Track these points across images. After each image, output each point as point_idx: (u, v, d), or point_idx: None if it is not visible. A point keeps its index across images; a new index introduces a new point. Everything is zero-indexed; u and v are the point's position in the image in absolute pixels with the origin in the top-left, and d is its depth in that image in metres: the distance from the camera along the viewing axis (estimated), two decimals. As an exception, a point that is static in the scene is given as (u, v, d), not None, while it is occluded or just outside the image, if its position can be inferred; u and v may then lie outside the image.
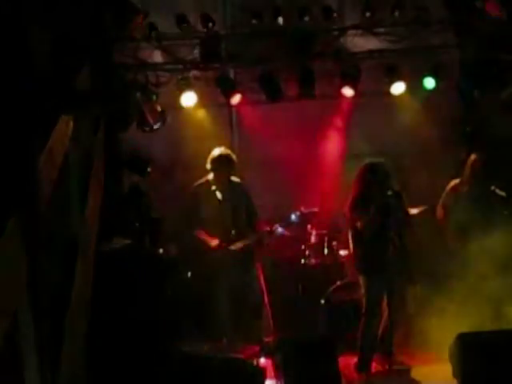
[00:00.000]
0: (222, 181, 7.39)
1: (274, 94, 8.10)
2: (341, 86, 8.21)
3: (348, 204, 6.97)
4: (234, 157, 7.47)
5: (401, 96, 8.31)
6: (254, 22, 7.97)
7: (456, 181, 7.81)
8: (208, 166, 7.41)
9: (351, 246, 7.22)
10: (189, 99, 7.91)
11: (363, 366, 6.91)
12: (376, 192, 6.69)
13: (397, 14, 7.97)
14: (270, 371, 6.37)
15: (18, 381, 1.85)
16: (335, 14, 8.05)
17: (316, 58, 8.13)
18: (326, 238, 7.95)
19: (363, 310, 6.94)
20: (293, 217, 7.62)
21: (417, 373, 6.69)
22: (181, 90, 7.88)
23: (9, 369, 1.76)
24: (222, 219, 7.29)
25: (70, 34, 3.30)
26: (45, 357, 2.14)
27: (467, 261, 7.24)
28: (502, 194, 7.48)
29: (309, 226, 8.03)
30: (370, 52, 8.23)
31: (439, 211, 7.78)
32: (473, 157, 7.77)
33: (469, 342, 5.75)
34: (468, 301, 7.06)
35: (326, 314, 7.74)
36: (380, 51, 8.26)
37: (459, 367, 5.76)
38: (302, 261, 8.08)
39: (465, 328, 6.19)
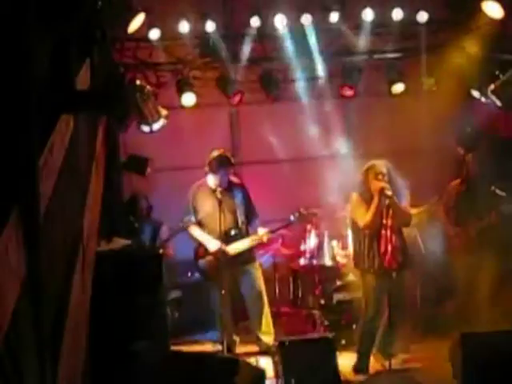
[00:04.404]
0: (221, 182, 7.40)
1: (274, 94, 8.10)
2: (341, 86, 8.21)
3: (350, 204, 6.98)
4: (232, 159, 7.49)
5: (401, 96, 8.31)
6: (254, 21, 7.97)
7: (456, 181, 7.83)
8: (206, 168, 7.42)
9: (351, 245, 7.22)
10: (189, 99, 7.90)
11: (362, 366, 6.91)
12: (377, 192, 6.69)
13: (397, 13, 7.97)
14: (270, 371, 6.36)
15: (17, 381, 1.85)
16: (335, 14, 8.04)
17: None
18: (326, 238, 7.95)
19: (363, 311, 6.95)
20: (291, 218, 7.62)
21: (417, 373, 6.69)
22: (181, 90, 7.87)
23: (8, 370, 1.76)
24: (221, 219, 7.29)
25: (69, 33, 3.30)
26: (45, 357, 2.14)
27: (468, 261, 7.26)
28: (502, 194, 7.49)
29: (308, 226, 8.03)
30: (370, 52, 8.23)
31: (441, 212, 7.79)
32: (468, 156, 7.79)
33: (469, 343, 5.75)
34: (468, 301, 7.08)
35: (326, 314, 7.74)
36: (380, 51, 8.26)
37: (459, 367, 5.75)
38: (302, 261, 8.08)
39: (464, 328, 6.20)
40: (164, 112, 7.83)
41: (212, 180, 7.44)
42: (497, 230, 7.28)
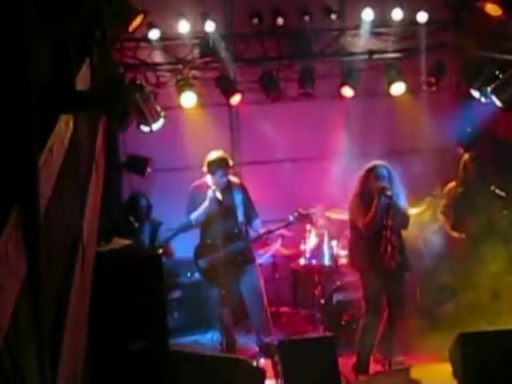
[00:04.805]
0: (219, 183, 7.40)
1: (274, 93, 8.11)
2: (341, 86, 8.22)
3: (349, 204, 6.98)
4: (229, 160, 7.49)
5: (401, 96, 8.32)
6: (254, 21, 7.98)
7: (452, 183, 7.84)
8: (204, 169, 7.42)
9: (351, 245, 7.22)
10: (189, 99, 7.91)
11: (362, 366, 6.92)
12: (377, 193, 6.70)
13: (397, 13, 7.99)
14: (270, 371, 6.36)
15: (17, 381, 1.85)
16: (335, 14, 8.06)
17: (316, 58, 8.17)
18: (325, 238, 7.94)
19: (363, 311, 6.95)
20: (290, 218, 7.63)
21: (417, 373, 6.69)
22: (180, 90, 7.88)
23: (8, 369, 1.76)
24: (222, 220, 7.29)
25: (69, 33, 3.30)
26: (45, 357, 2.14)
27: (468, 261, 7.26)
28: (502, 194, 7.49)
29: (308, 226, 8.03)
30: (370, 52, 8.24)
31: (439, 216, 7.80)
32: (465, 157, 7.80)
33: (469, 342, 5.75)
34: (469, 300, 7.08)
35: (326, 314, 7.74)
36: (380, 51, 8.27)
37: (459, 367, 5.75)
38: (302, 261, 8.08)
39: (464, 328, 6.19)
40: (163, 112, 7.83)
41: (210, 181, 7.45)
42: (496, 230, 7.28)
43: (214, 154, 7.42)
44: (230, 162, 7.49)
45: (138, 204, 7.89)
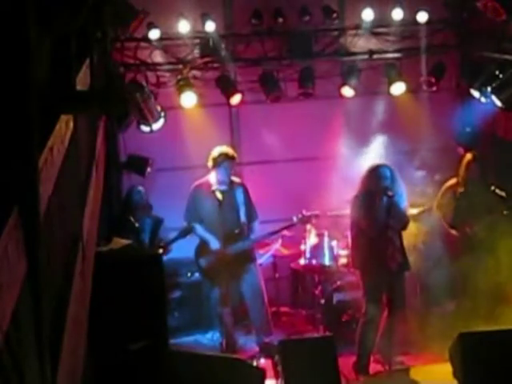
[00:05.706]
0: (224, 177, 7.39)
1: (274, 94, 8.10)
2: (341, 86, 8.22)
3: (351, 204, 6.98)
4: (235, 154, 7.49)
5: (401, 96, 8.32)
6: (254, 21, 7.99)
7: (452, 181, 7.82)
8: (210, 163, 7.40)
9: (352, 245, 7.22)
10: (189, 99, 7.90)
11: (362, 367, 6.91)
12: (379, 193, 6.71)
13: (397, 13, 7.99)
14: (270, 371, 6.36)
15: (17, 381, 1.85)
16: (335, 14, 8.06)
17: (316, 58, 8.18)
18: (326, 238, 7.94)
19: (363, 311, 6.95)
20: (294, 219, 7.64)
21: (417, 373, 6.69)
22: (181, 90, 7.88)
23: (8, 369, 1.76)
24: (222, 219, 7.29)
25: (69, 33, 3.30)
26: (45, 357, 2.14)
27: (468, 260, 7.26)
28: (502, 193, 7.49)
29: (308, 226, 8.02)
30: (370, 52, 8.24)
31: (436, 212, 7.80)
32: (468, 156, 7.78)
33: (469, 342, 5.75)
34: (468, 300, 7.08)
35: (326, 314, 7.74)
36: (380, 51, 8.27)
37: (459, 367, 5.75)
38: (302, 261, 8.08)
39: (464, 328, 6.20)
40: (163, 112, 7.83)
41: (214, 176, 7.42)
42: (497, 230, 7.28)
43: (220, 148, 7.42)
44: (236, 156, 7.48)
45: (130, 198, 7.84)
